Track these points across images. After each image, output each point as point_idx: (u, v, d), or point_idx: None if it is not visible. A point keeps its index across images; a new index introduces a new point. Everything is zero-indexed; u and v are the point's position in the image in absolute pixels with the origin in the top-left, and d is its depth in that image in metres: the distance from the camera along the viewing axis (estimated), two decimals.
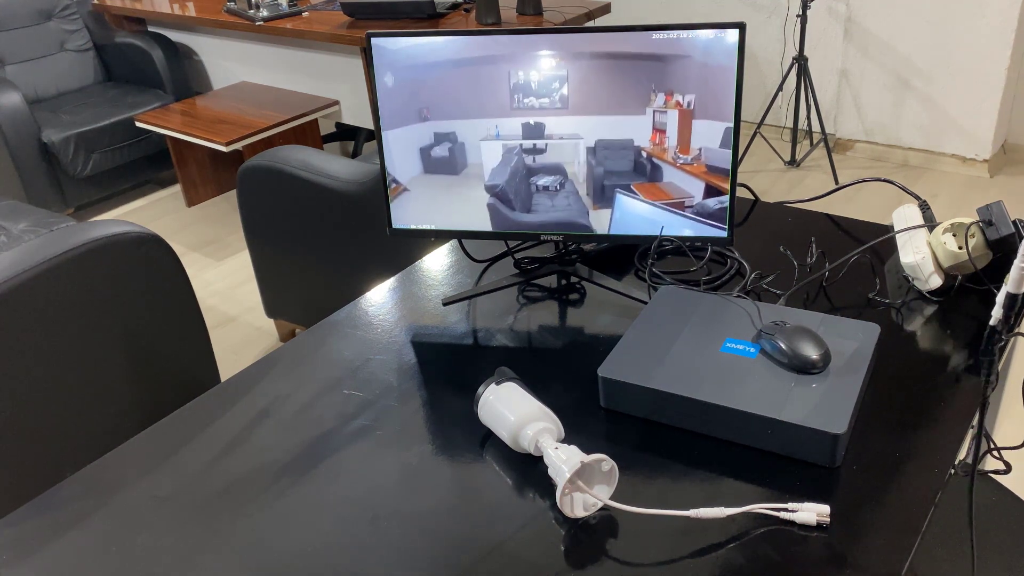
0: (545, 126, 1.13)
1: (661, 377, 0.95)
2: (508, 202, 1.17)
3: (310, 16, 3.24)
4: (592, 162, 1.13)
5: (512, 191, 1.16)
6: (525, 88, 1.11)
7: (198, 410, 1.07)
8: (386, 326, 1.20)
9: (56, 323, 1.53)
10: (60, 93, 3.95)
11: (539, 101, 1.11)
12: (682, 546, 0.81)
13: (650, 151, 1.11)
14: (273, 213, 2.29)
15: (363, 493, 0.91)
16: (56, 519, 0.92)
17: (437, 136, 1.16)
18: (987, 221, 1.09)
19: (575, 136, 1.12)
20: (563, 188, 1.15)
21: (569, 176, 1.14)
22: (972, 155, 3.43)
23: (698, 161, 1.10)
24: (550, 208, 1.16)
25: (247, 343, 2.74)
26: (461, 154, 1.16)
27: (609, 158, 1.12)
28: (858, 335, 0.99)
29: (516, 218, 1.18)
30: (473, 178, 1.17)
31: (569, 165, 1.14)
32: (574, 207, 1.16)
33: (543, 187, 1.15)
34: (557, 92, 1.10)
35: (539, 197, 1.16)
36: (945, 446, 0.88)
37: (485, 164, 1.16)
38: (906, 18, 3.34)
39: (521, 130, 1.13)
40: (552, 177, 1.14)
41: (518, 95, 1.11)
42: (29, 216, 2.69)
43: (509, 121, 1.13)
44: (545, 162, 1.14)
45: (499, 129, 1.14)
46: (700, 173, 1.11)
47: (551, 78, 1.10)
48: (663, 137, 1.10)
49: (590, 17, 3.04)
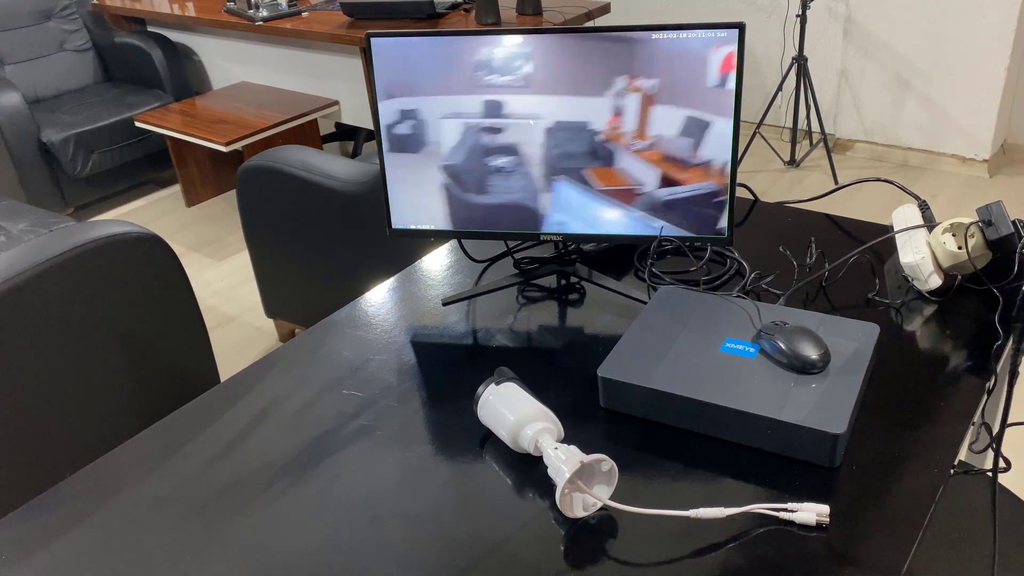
0: (505, 105, 1.10)
1: (661, 377, 0.95)
2: (462, 183, 1.14)
3: (310, 16, 3.24)
4: (549, 143, 1.11)
5: (467, 171, 1.13)
6: (488, 65, 1.09)
7: (198, 410, 1.07)
8: (386, 326, 1.20)
9: (56, 323, 1.53)
10: (60, 93, 3.95)
11: (502, 79, 1.09)
12: (682, 546, 0.81)
13: (606, 135, 1.09)
14: (273, 213, 2.29)
15: (363, 493, 0.91)
16: (56, 519, 0.92)
17: (403, 113, 1.13)
18: (987, 221, 1.09)
19: (534, 116, 1.10)
20: (518, 169, 1.13)
21: (524, 157, 1.12)
22: (972, 155, 3.44)
23: (654, 148, 1.09)
24: (504, 190, 1.14)
25: (247, 343, 2.74)
26: (422, 132, 1.14)
27: (565, 140, 1.10)
28: (858, 335, 0.99)
29: (469, 199, 1.15)
30: (431, 156, 1.15)
31: (525, 146, 1.12)
32: (527, 189, 1.14)
33: (498, 168, 1.13)
34: (520, 70, 1.08)
35: (494, 178, 1.14)
36: (945, 446, 0.89)
37: (443, 142, 1.14)
38: (906, 18, 3.35)
39: (481, 108, 1.11)
40: (507, 158, 1.12)
41: (481, 72, 1.09)
42: (28, 216, 2.69)
43: (471, 99, 1.11)
44: (502, 142, 1.12)
45: (460, 107, 1.11)
46: (655, 160, 1.09)
47: (515, 55, 1.08)
48: (621, 121, 1.09)
49: (590, 17, 3.04)
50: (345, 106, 3.45)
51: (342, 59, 3.29)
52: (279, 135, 3.32)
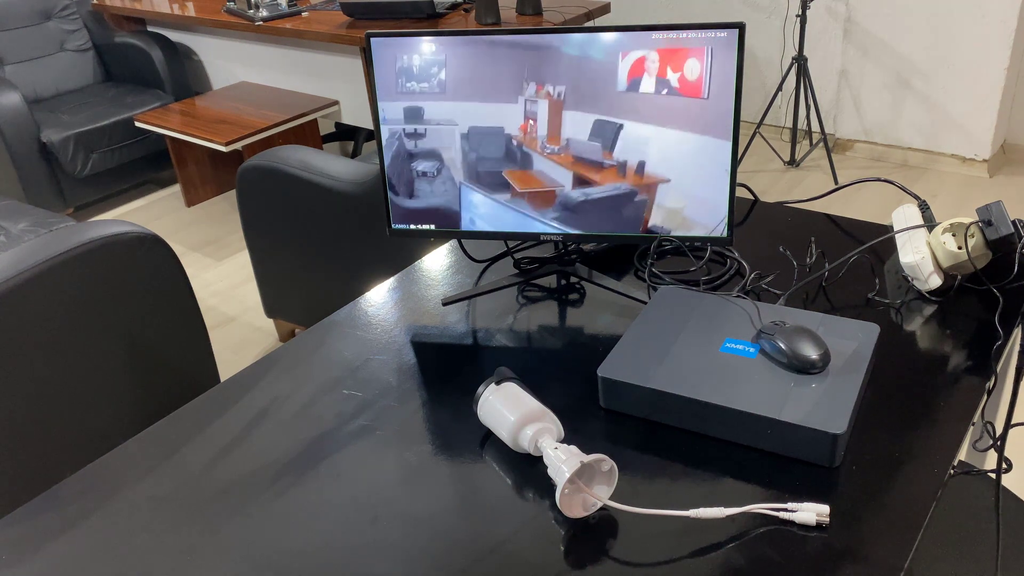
0: (424, 110, 1.14)
1: (661, 377, 0.95)
2: (393, 187, 1.18)
3: (310, 16, 3.24)
4: (466, 148, 1.14)
5: (395, 176, 1.17)
6: (407, 72, 1.12)
7: (198, 410, 1.07)
8: (386, 326, 1.20)
9: (56, 323, 1.53)
10: (59, 93, 3.95)
11: (419, 86, 1.12)
12: (682, 546, 0.81)
13: (520, 139, 1.13)
14: (273, 213, 2.29)
15: (363, 493, 0.91)
16: (56, 519, 0.92)
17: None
18: (986, 221, 1.09)
19: (450, 122, 1.14)
20: (440, 174, 1.16)
21: (446, 162, 1.16)
22: (972, 155, 3.44)
23: (566, 151, 1.12)
24: (429, 193, 1.17)
25: (247, 343, 2.74)
26: None
27: (482, 144, 1.14)
28: (858, 335, 0.99)
29: (400, 203, 1.19)
30: None
31: (446, 151, 1.15)
32: (451, 193, 1.17)
33: (422, 172, 1.16)
34: (436, 77, 1.12)
35: (420, 183, 1.17)
36: (945, 446, 0.89)
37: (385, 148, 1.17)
38: (906, 18, 3.35)
39: (403, 114, 1.14)
40: (430, 162, 1.15)
41: (401, 79, 1.12)
42: (28, 216, 2.69)
43: (393, 105, 1.14)
44: (424, 147, 1.15)
45: (385, 113, 1.15)
46: (567, 163, 1.12)
47: (430, 63, 1.11)
48: (534, 126, 1.12)
49: (589, 17, 3.04)
50: (345, 106, 3.45)
51: (342, 59, 3.29)
52: (279, 135, 3.32)
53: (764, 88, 3.94)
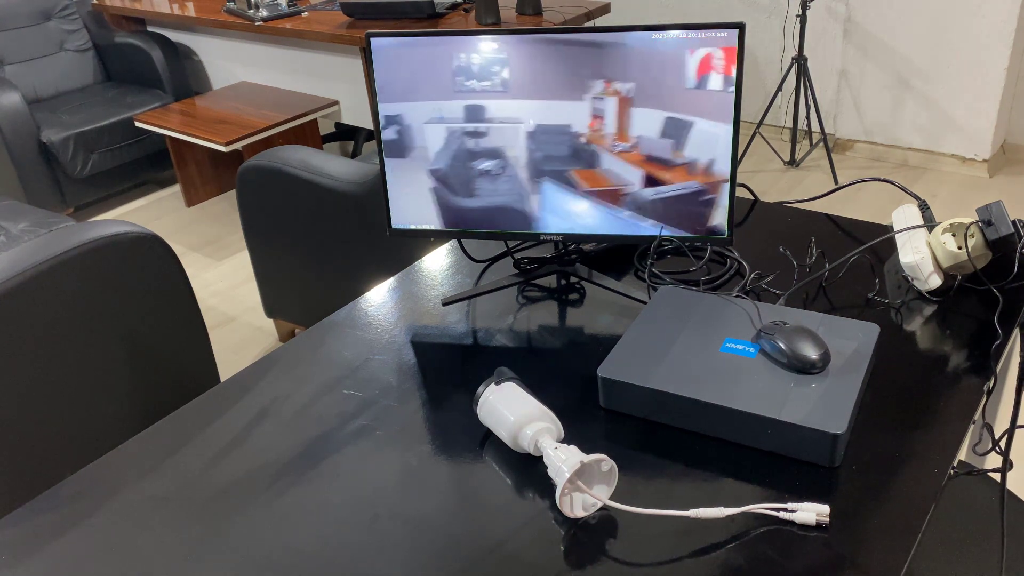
0: (486, 109, 1.13)
1: (661, 377, 0.95)
2: (450, 186, 1.17)
3: (310, 16, 3.24)
4: (531, 146, 1.13)
5: (454, 175, 1.16)
6: (467, 71, 1.11)
7: (198, 410, 1.07)
8: (386, 326, 1.20)
9: (56, 323, 1.53)
10: (59, 93, 3.95)
11: (480, 84, 1.11)
12: (682, 546, 0.81)
13: (588, 137, 1.11)
14: (273, 213, 2.29)
15: (363, 493, 0.91)
16: (56, 519, 0.92)
17: (387, 119, 1.16)
18: (986, 221, 1.09)
19: (515, 120, 1.12)
20: (504, 172, 1.15)
21: (510, 160, 1.15)
22: (972, 155, 3.44)
23: (636, 149, 1.11)
24: (491, 192, 1.16)
25: (247, 343, 2.74)
26: (408, 137, 1.16)
27: (548, 143, 1.12)
28: (858, 335, 0.99)
29: (458, 203, 1.18)
30: (419, 161, 1.17)
31: (509, 149, 1.14)
32: (515, 192, 1.16)
33: (484, 171, 1.15)
34: (498, 75, 1.11)
35: (481, 181, 1.16)
36: (944, 446, 0.89)
37: (429, 147, 1.16)
38: (906, 18, 3.35)
39: (463, 113, 1.13)
40: (493, 161, 1.14)
41: (460, 77, 1.11)
42: (28, 216, 2.69)
43: (451, 104, 1.13)
44: (486, 146, 1.14)
45: (442, 111, 1.14)
46: (638, 161, 1.11)
47: (492, 61, 1.10)
48: (601, 124, 1.11)
49: (589, 17, 3.04)
50: (345, 106, 3.45)
51: (342, 59, 3.29)
52: (279, 135, 3.32)
53: (764, 88, 3.94)
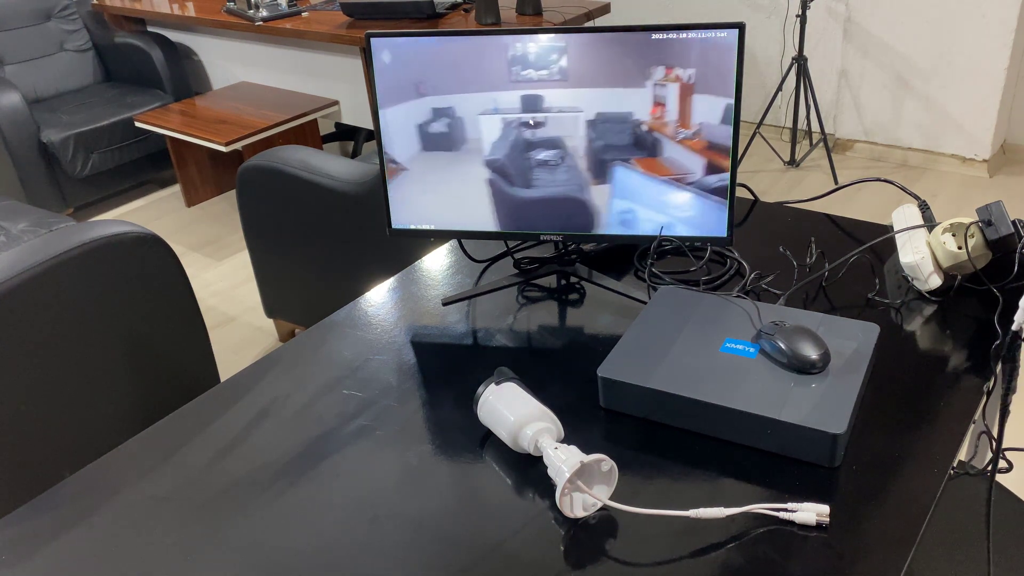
0: (544, 99, 1.11)
1: (661, 377, 0.95)
2: (508, 177, 1.15)
3: (310, 16, 3.24)
4: (592, 135, 1.11)
5: (512, 166, 1.14)
6: (523, 60, 1.09)
7: (198, 410, 1.07)
8: (386, 326, 1.20)
9: (56, 323, 1.53)
10: (60, 93, 3.95)
11: (538, 73, 1.09)
12: (682, 546, 0.81)
13: (650, 125, 1.10)
14: (273, 213, 2.29)
15: (363, 493, 0.91)
16: (56, 519, 0.92)
17: (435, 112, 1.14)
18: (986, 221, 1.09)
19: (574, 109, 1.11)
20: (563, 162, 1.13)
21: (569, 150, 1.13)
22: (972, 155, 3.44)
23: (699, 136, 1.09)
24: (550, 183, 1.15)
25: (247, 343, 2.74)
26: (459, 129, 1.14)
27: (608, 131, 1.11)
28: (858, 335, 0.99)
29: (516, 193, 1.16)
30: (472, 153, 1.15)
31: (569, 139, 1.12)
32: (574, 182, 1.14)
33: (542, 161, 1.13)
34: (556, 64, 1.09)
35: (539, 172, 1.14)
36: (945, 446, 0.89)
37: (484, 139, 1.14)
38: (906, 18, 3.35)
39: (520, 103, 1.12)
40: (552, 151, 1.13)
41: (516, 67, 1.10)
42: (28, 216, 2.69)
43: (507, 94, 1.11)
44: (544, 136, 1.13)
45: (497, 103, 1.12)
46: (700, 149, 1.10)
47: (550, 50, 1.09)
48: (663, 111, 1.09)
49: (589, 17, 3.04)
50: (345, 106, 3.45)
51: (342, 59, 3.29)
52: (279, 135, 3.32)
53: (764, 88, 3.94)
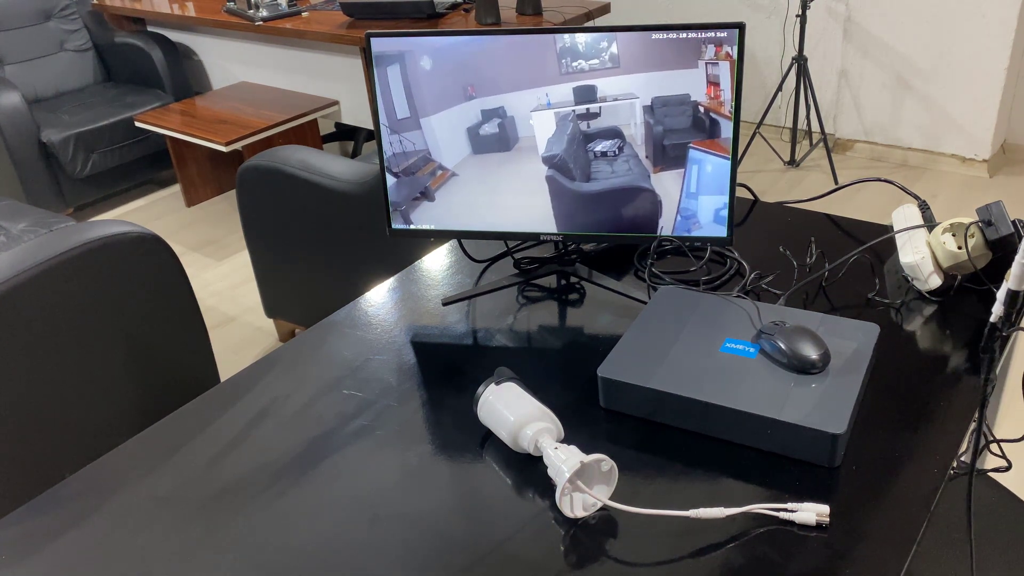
0: (597, 88, 1.08)
1: (661, 377, 0.95)
2: (567, 172, 1.12)
3: (310, 16, 3.24)
4: (650, 121, 1.08)
5: (571, 160, 1.11)
6: (572, 51, 1.06)
7: (198, 410, 1.07)
8: (386, 326, 1.20)
9: (56, 323, 1.53)
10: (60, 93, 3.95)
11: (588, 63, 1.06)
12: (682, 546, 0.81)
13: (707, 105, 1.07)
14: (273, 213, 2.29)
15: (363, 493, 0.91)
16: (56, 519, 0.92)
17: (485, 113, 1.11)
18: (986, 221, 1.09)
19: (630, 96, 1.07)
20: (622, 152, 1.10)
21: (627, 139, 1.10)
22: (972, 155, 3.44)
23: None
24: (610, 174, 1.11)
25: (247, 343, 2.74)
26: (512, 128, 1.11)
27: (668, 116, 1.07)
28: (857, 335, 0.99)
29: (576, 188, 1.13)
30: (527, 151, 1.13)
31: (626, 127, 1.09)
32: (635, 171, 1.11)
33: (601, 153, 1.10)
34: (606, 51, 1.06)
35: (598, 164, 1.11)
36: (944, 446, 0.89)
37: (538, 135, 1.12)
38: (906, 18, 3.35)
39: (572, 95, 1.09)
40: (610, 141, 1.09)
41: (566, 59, 1.06)
42: (28, 216, 2.69)
43: (559, 88, 1.08)
44: (601, 126, 1.10)
45: (549, 97, 1.09)
46: None
47: (598, 37, 1.06)
48: (718, 91, 1.06)
49: (590, 17, 3.04)
50: (345, 106, 3.44)
51: (342, 59, 3.29)
52: (279, 135, 3.32)
53: (764, 88, 3.94)
